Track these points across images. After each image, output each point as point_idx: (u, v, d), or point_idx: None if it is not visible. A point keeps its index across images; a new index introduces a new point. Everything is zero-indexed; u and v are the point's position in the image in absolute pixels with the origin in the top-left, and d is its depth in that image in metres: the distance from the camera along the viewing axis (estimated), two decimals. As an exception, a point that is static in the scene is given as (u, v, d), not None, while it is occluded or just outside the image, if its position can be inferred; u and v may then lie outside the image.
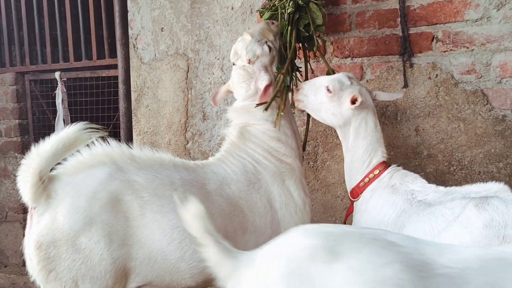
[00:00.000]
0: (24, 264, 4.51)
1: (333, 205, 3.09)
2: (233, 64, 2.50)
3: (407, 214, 2.19)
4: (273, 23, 2.59)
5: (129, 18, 3.63)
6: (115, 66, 4.05)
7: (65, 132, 2.00)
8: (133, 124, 3.62)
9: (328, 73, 2.70)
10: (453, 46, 2.72)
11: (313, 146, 3.12)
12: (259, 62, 2.42)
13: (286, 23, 2.64)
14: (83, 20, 4.28)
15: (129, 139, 3.14)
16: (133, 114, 3.62)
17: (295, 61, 2.70)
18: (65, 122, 4.43)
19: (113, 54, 4.09)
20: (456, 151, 2.73)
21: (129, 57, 3.23)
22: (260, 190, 2.32)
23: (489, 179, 2.65)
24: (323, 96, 2.36)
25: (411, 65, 2.82)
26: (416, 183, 2.29)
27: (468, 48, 2.68)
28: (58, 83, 4.36)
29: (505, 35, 2.60)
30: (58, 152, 1.96)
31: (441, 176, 2.77)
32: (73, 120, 4.42)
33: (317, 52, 2.75)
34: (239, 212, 2.23)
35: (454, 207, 2.03)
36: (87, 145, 2.07)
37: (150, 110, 3.67)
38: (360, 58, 2.96)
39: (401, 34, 2.83)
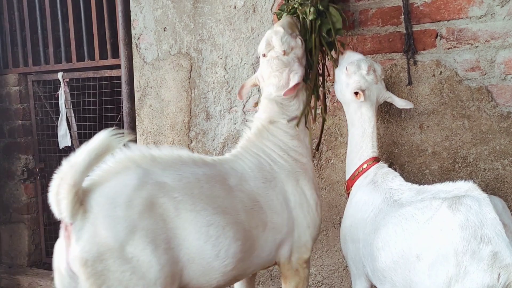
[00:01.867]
0: (29, 265, 4.53)
1: (337, 203, 3.08)
2: (263, 56, 2.51)
3: (382, 214, 2.22)
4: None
5: (131, 18, 3.62)
6: (117, 66, 4.05)
7: (95, 140, 1.89)
8: (136, 124, 3.61)
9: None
10: (457, 43, 2.71)
11: (317, 144, 3.11)
12: (293, 54, 2.47)
13: (309, 29, 2.65)
14: (85, 20, 4.28)
15: (133, 139, 3.13)
16: (136, 114, 3.62)
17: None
18: (68, 123, 4.44)
19: (115, 54, 4.09)
20: (461, 148, 2.72)
21: (132, 57, 3.22)
22: (276, 188, 2.34)
23: (494, 176, 2.65)
24: (341, 71, 2.56)
25: (415, 63, 2.81)
26: (394, 181, 2.33)
27: (472, 45, 2.67)
28: (61, 83, 4.36)
29: (509, 32, 2.59)
30: (91, 163, 1.87)
31: (446, 173, 2.76)
32: (76, 120, 4.43)
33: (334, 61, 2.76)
34: (259, 208, 2.24)
35: (424, 207, 2.04)
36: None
37: (154, 110, 3.67)
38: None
39: (404, 31, 2.82)
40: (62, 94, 4.37)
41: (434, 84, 2.77)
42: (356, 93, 2.46)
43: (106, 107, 4.23)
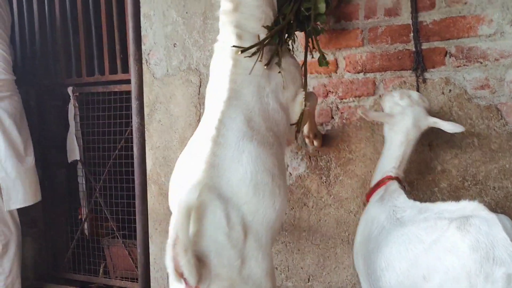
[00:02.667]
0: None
1: (346, 220, 3.08)
2: None
3: (385, 233, 2.22)
4: None
5: (141, 34, 3.65)
6: (127, 81, 4.08)
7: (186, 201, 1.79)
8: (145, 138, 3.63)
9: (319, 61, 2.74)
10: (466, 61, 2.72)
11: (326, 161, 3.11)
12: None
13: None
14: (96, 35, 4.32)
15: (142, 155, 3.14)
16: (145, 129, 3.64)
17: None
18: (77, 137, 4.46)
19: (125, 69, 4.12)
20: (470, 166, 2.72)
21: (142, 72, 3.24)
22: None
23: (504, 195, 2.64)
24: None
25: (424, 80, 2.82)
26: (399, 199, 2.34)
27: (481, 63, 2.68)
28: (71, 98, 4.39)
29: (518, 51, 2.60)
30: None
31: (455, 191, 2.75)
32: (86, 134, 4.46)
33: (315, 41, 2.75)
34: None
35: (429, 227, 2.03)
36: None
37: (163, 125, 3.69)
38: (372, 73, 2.97)
39: (414, 49, 2.84)
40: (72, 108, 4.40)
41: (444, 102, 2.77)
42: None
43: (115, 121, 4.25)
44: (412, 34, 2.84)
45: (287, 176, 3.22)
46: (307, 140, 3.06)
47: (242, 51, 2.27)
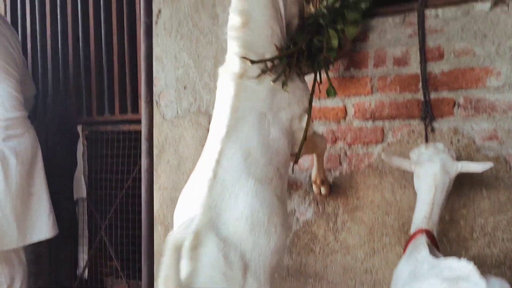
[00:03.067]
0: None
1: (353, 267, 3.05)
2: None
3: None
4: None
5: (153, 76, 3.71)
6: (136, 121, 4.12)
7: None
8: (154, 179, 3.65)
9: (328, 91, 2.75)
10: (474, 112, 2.74)
11: (333, 207, 3.11)
12: None
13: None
14: (107, 75, 4.39)
15: (150, 196, 3.15)
16: (154, 170, 3.65)
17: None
18: (84, 175, 4.48)
19: (135, 109, 4.17)
20: (479, 216, 2.71)
21: (153, 114, 3.28)
22: None
23: (513, 247, 2.63)
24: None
25: (433, 130, 2.84)
26: (421, 253, 2.30)
27: (490, 114, 2.70)
28: (80, 136, 4.44)
29: (526, 103, 2.62)
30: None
31: (463, 242, 2.74)
32: (92, 172, 4.48)
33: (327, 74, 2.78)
34: None
35: (427, 285, 2.02)
36: None
37: (171, 166, 3.71)
38: (381, 121, 2.99)
39: (422, 98, 2.87)
40: (80, 147, 4.44)
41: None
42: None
43: (123, 160, 4.28)
44: (420, 83, 2.87)
45: (294, 221, 3.22)
46: (314, 187, 3.07)
47: (252, 62, 2.30)
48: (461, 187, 2.74)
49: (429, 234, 2.43)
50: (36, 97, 4.73)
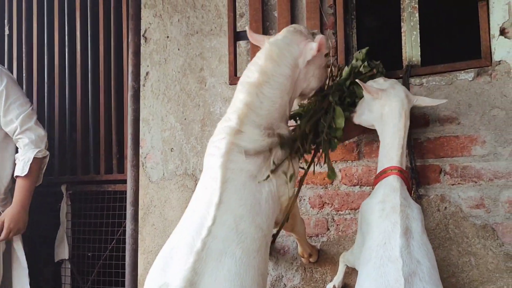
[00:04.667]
0: None
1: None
2: None
3: None
4: None
5: (139, 138, 3.70)
6: (121, 181, 4.08)
7: None
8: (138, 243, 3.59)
9: (328, 174, 2.70)
10: (461, 180, 2.76)
11: (321, 273, 3.08)
12: None
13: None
14: (93, 135, 4.36)
15: (134, 262, 3.09)
16: (138, 233, 3.60)
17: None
18: (67, 236, 4.38)
19: (121, 169, 4.14)
20: (468, 286, 2.69)
21: (139, 178, 3.25)
22: None
23: (503, 318, 2.60)
24: (365, 100, 2.66)
25: (419, 197, 2.85)
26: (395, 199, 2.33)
27: (476, 182, 2.72)
28: (64, 195, 4.37)
29: (512, 172, 2.65)
30: None
31: (453, 311, 2.71)
32: (75, 233, 4.39)
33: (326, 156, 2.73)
34: None
35: None
36: None
37: (156, 229, 3.65)
38: (368, 187, 2.99)
39: (409, 165, 2.88)
40: (64, 207, 4.36)
41: (439, 219, 2.79)
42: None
43: (107, 221, 4.21)
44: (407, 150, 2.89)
45: (281, 287, 3.16)
46: (303, 259, 3.04)
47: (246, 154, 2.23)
48: (449, 256, 2.73)
49: (401, 172, 2.42)
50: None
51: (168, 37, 3.75)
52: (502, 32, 2.73)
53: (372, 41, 3.39)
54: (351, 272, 2.96)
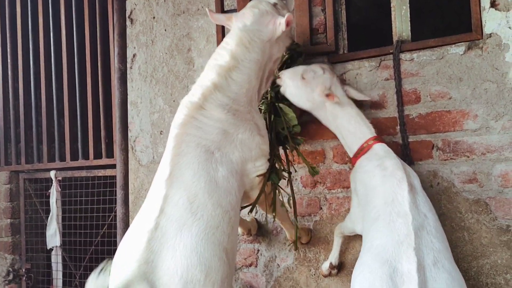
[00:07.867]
0: None
1: (336, 314, 2.98)
2: None
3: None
4: None
5: (128, 121, 3.65)
6: (111, 166, 4.04)
7: None
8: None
9: (310, 172, 2.83)
10: (453, 155, 2.74)
11: (315, 252, 3.05)
12: None
13: (268, 127, 2.72)
14: (81, 119, 4.30)
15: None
16: (129, 217, 3.56)
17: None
18: (58, 222, 4.35)
19: (110, 154, 4.09)
20: (462, 261, 2.68)
21: (128, 162, 3.21)
22: None
23: (497, 292, 2.60)
24: (296, 82, 2.70)
25: (412, 173, 2.82)
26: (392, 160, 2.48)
27: (468, 157, 2.70)
28: (53, 182, 4.32)
29: (504, 145, 2.62)
30: None
31: (447, 287, 2.69)
32: (67, 220, 4.35)
33: (298, 153, 2.86)
34: None
35: None
36: None
37: (147, 213, 3.61)
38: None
39: (401, 141, 2.86)
40: (54, 193, 4.31)
41: (432, 195, 2.76)
42: (327, 95, 2.64)
43: (98, 206, 4.17)
44: (398, 127, 2.87)
45: (275, 267, 3.15)
46: (293, 244, 3.02)
47: None
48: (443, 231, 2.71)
49: (382, 139, 2.66)
50: (7, 144, 4.63)
51: (154, 17, 3.68)
52: (493, 4, 2.69)
53: (362, 18, 3.34)
54: (345, 250, 2.94)
